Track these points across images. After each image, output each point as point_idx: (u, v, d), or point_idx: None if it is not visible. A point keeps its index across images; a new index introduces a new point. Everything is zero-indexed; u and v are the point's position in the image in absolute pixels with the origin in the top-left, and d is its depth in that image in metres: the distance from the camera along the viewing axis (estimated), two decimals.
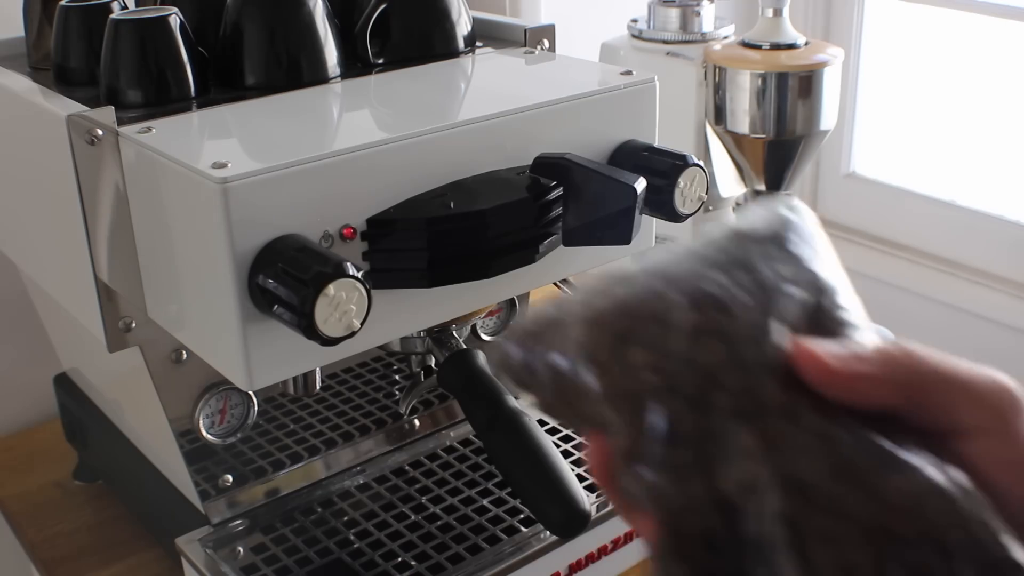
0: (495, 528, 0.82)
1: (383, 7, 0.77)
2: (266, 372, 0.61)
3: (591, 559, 0.83)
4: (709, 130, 1.11)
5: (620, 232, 0.66)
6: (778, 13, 1.05)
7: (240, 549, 0.81)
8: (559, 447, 0.84)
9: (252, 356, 0.60)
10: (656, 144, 0.73)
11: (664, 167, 0.69)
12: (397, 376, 0.97)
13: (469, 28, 0.81)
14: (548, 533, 0.79)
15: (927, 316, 1.59)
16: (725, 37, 1.11)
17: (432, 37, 0.79)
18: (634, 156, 0.71)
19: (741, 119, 1.05)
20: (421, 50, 0.79)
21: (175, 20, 0.71)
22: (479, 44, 0.83)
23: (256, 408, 0.84)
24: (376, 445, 0.91)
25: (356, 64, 0.77)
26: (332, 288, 0.55)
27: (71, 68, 0.76)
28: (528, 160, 0.67)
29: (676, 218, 0.69)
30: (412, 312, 0.66)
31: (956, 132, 1.61)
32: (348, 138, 0.64)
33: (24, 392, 1.14)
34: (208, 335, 0.64)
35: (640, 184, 0.65)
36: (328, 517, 0.84)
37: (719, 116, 1.07)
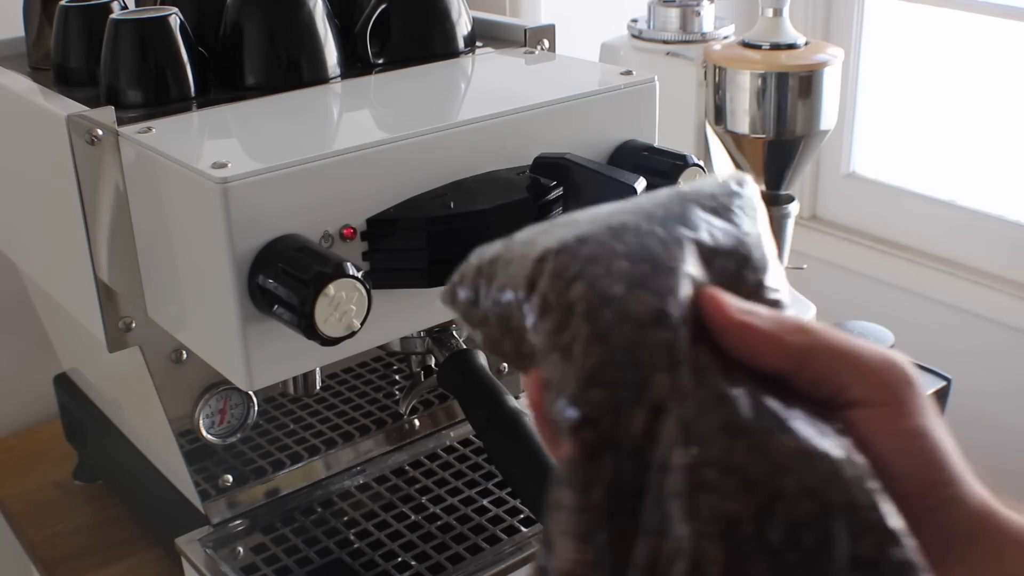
0: (495, 528, 0.82)
1: (383, 7, 0.77)
2: (266, 372, 0.61)
3: None
4: (709, 130, 1.11)
5: None
6: (778, 13, 1.05)
7: (240, 549, 0.81)
8: None
9: (252, 356, 0.60)
10: (656, 144, 0.73)
11: (664, 167, 0.69)
12: (397, 376, 0.97)
13: (469, 28, 0.81)
14: None
15: (927, 316, 1.59)
16: (725, 37, 1.11)
17: (432, 37, 0.79)
18: (634, 156, 0.71)
19: (741, 119, 1.05)
20: (421, 50, 0.79)
21: (175, 20, 0.71)
22: (479, 44, 0.83)
23: (256, 408, 0.84)
24: (376, 445, 0.91)
25: (356, 64, 0.77)
26: (332, 288, 0.55)
27: (71, 68, 0.76)
28: (528, 160, 0.67)
29: None
30: (412, 312, 0.66)
31: (956, 132, 1.61)
32: (348, 138, 0.64)
33: (24, 392, 1.14)
34: (208, 335, 0.64)
35: (640, 184, 0.65)
36: (328, 517, 0.84)
37: (719, 116, 1.07)
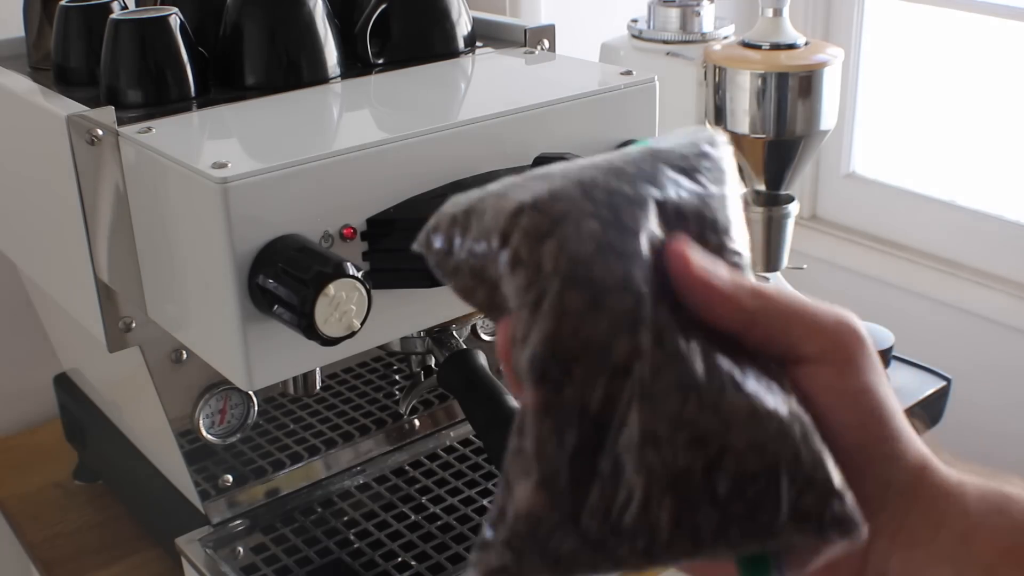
0: None
1: (383, 7, 0.77)
2: (266, 372, 0.61)
3: None
4: None
5: None
6: (778, 13, 1.05)
7: (240, 549, 0.81)
8: None
9: (252, 356, 0.60)
10: None
11: None
12: (397, 376, 0.97)
13: (469, 28, 0.81)
14: None
15: (927, 316, 1.59)
16: (725, 37, 1.11)
17: (432, 37, 0.79)
18: None
19: (741, 119, 1.05)
20: (421, 50, 0.79)
21: (175, 20, 0.71)
22: (479, 44, 0.83)
23: (256, 408, 0.84)
24: (376, 445, 0.91)
25: (356, 64, 0.77)
26: (332, 288, 0.55)
27: (71, 68, 0.76)
28: (528, 160, 0.67)
29: None
30: (412, 312, 0.66)
31: (956, 132, 1.61)
32: (348, 138, 0.64)
33: (24, 392, 1.14)
34: (208, 335, 0.64)
35: None
36: (328, 517, 0.84)
37: (719, 116, 1.07)
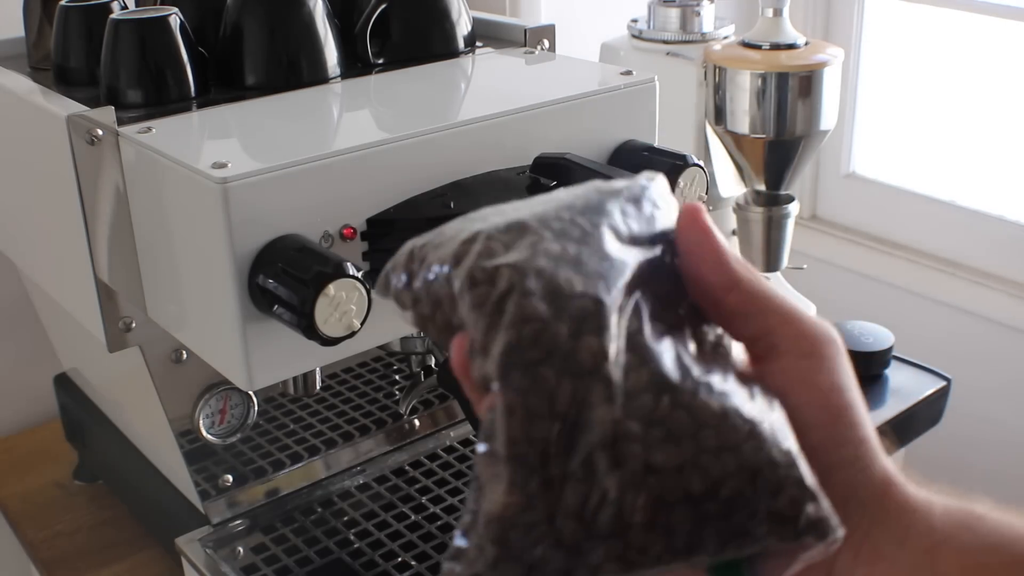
0: None
1: (383, 7, 0.77)
2: (266, 372, 0.61)
3: None
4: (709, 130, 1.11)
5: None
6: (778, 13, 1.05)
7: (240, 549, 0.81)
8: None
9: (252, 356, 0.60)
10: (656, 144, 0.73)
11: (664, 167, 0.69)
12: (397, 376, 0.97)
13: (469, 28, 0.81)
14: None
15: (927, 316, 1.59)
16: (725, 37, 1.11)
17: (432, 37, 0.79)
18: (634, 156, 0.71)
19: (741, 119, 1.05)
20: (421, 50, 0.79)
21: (175, 20, 0.71)
22: (479, 44, 0.83)
23: (256, 408, 0.84)
24: (376, 445, 0.91)
25: (356, 64, 0.77)
26: (332, 288, 0.55)
27: (71, 68, 0.76)
28: (528, 160, 0.67)
29: None
30: None
31: (956, 132, 1.61)
32: (348, 138, 0.64)
33: (24, 392, 1.14)
34: (208, 335, 0.64)
35: None
36: (328, 517, 0.84)
37: (719, 116, 1.07)
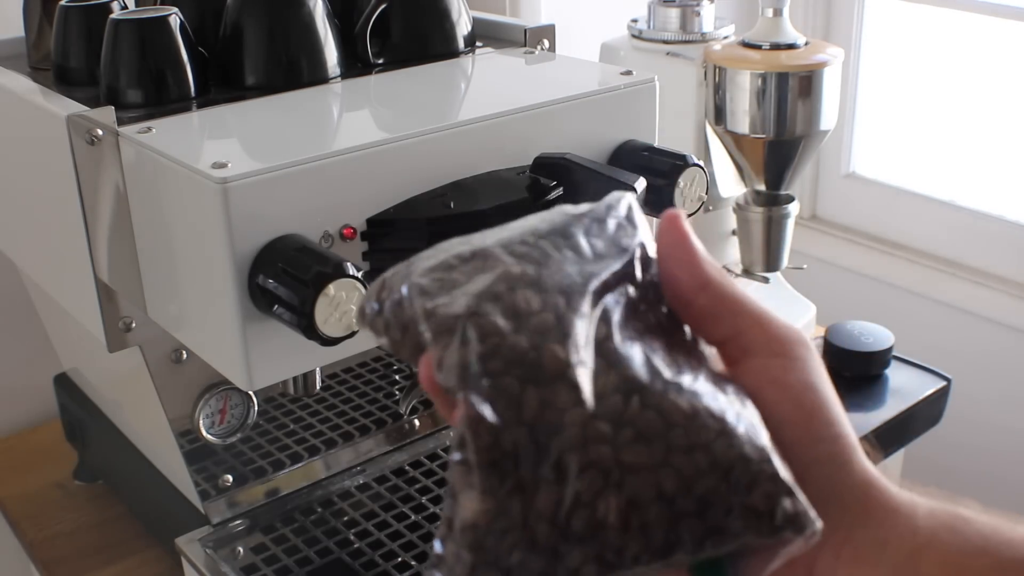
0: None
1: (383, 7, 0.77)
2: (266, 372, 0.61)
3: None
4: (709, 130, 1.11)
5: None
6: (778, 13, 1.05)
7: (240, 549, 0.81)
8: None
9: (252, 356, 0.60)
10: (656, 144, 0.73)
11: (664, 167, 0.69)
12: (397, 376, 0.97)
13: (469, 28, 0.81)
14: None
15: (927, 316, 1.59)
16: (725, 37, 1.11)
17: (432, 37, 0.79)
18: (634, 156, 0.71)
19: (741, 119, 1.05)
20: (421, 50, 0.79)
21: (175, 20, 0.71)
22: (479, 44, 0.83)
23: (256, 408, 0.84)
24: (376, 445, 0.91)
25: (356, 64, 0.77)
26: (332, 288, 0.55)
27: (71, 68, 0.76)
28: (528, 160, 0.67)
29: None
30: None
31: (956, 132, 1.61)
32: (348, 138, 0.64)
33: (24, 392, 1.14)
34: (208, 335, 0.64)
35: (640, 184, 0.65)
36: (328, 517, 0.84)
37: (719, 116, 1.07)
